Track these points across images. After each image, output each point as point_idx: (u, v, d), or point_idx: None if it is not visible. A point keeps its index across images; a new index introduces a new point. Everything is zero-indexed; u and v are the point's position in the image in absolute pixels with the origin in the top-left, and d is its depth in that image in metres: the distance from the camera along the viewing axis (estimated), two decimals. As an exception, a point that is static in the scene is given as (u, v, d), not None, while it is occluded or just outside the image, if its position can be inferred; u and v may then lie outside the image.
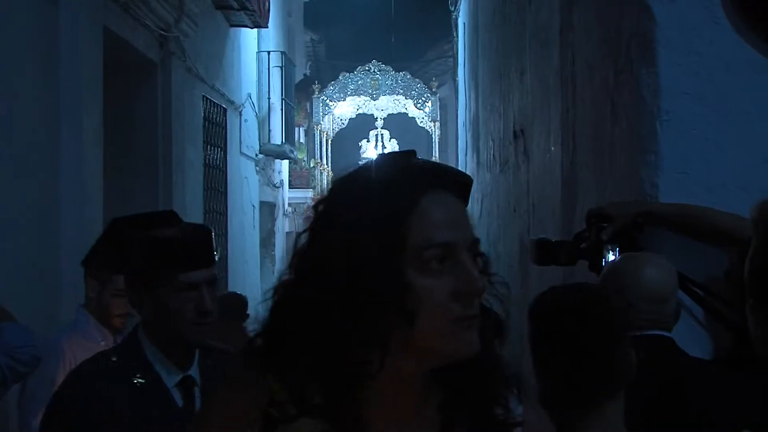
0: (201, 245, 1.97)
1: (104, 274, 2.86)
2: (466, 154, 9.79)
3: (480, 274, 1.04)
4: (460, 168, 11.87)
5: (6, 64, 4.08)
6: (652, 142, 2.33)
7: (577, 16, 3.21)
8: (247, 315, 6.14)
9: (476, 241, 1.07)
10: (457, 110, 11.58)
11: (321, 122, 14.09)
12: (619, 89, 2.59)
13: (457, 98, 11.50)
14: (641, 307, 1.94)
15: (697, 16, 2.34)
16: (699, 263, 2.26)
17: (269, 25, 11.10)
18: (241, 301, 5.96)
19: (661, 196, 2.31)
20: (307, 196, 14.99)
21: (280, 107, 12.42)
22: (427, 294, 1.01)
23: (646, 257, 2.10)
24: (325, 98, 14.07)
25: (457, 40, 11.49)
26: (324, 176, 14.61)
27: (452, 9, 11.73)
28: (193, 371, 1.99)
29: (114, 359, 1.97)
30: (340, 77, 14.23)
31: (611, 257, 2.23)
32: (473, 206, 8.65)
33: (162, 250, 1.90)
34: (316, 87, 14.24)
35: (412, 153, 1.12)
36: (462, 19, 10.50)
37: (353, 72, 14.32)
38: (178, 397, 1.95)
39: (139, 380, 1.90)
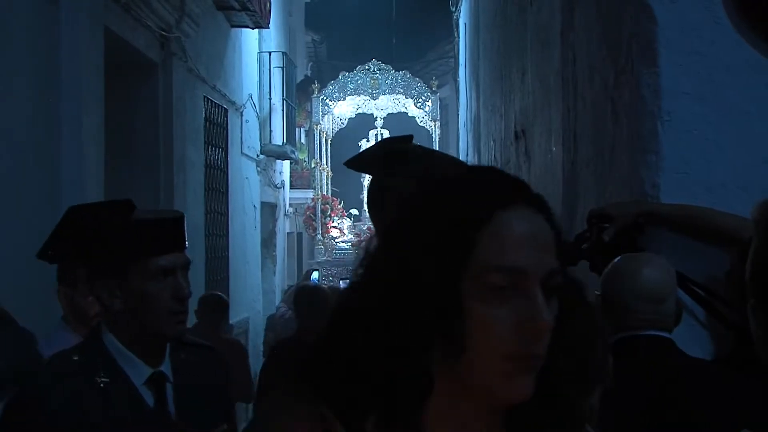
0: (174, 227, 1.84)
1: (74, 275, 2.65)
2: (467, 155, 9.79)
3: (549, 310, 0.89)
4: (461, 168, 11.87)
5: (6, 65, 4.07)
6: (653, 143, 2.33)
7: (578, 17, 3.21)
8: (226, 315, 6.12)
9: (554, 272, 0.91)
10: (458, 110, 11.57)
11: (320, 122, 14.04)
12: (619, 89, 2.59)
13: (458, 98, 11.50)
14: (639, 307, 1.94)
15: (697, 16, 2.33)
16: (699, 263, 2.26)
17: (270, 25, 11.10)
18: (221, 301, 5.93)
19: (661, 197, 2.31)
20: (308, 196, 15.00)
21: (281, 108, 12.43)
22: (483, 322, 0.88)
23: (645, 258, 2.10)
24: (325, 98, 14.02)
25: (458, 41, 11.48)
26: (324, 176, 14.57)
27: (453, 9, 11.72)
28: (165, 367, 1.86)
29: (75, 358, 1.79)
30: (340, 76, 14.18)
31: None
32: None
33: (133, 233, 1.77)
34: (315, 86, 14.20)
35: (408, 138, 1.08)
36: (463, 19, 10.50)
37: (353, 71, 14.29)
38: (148, 395, 1.81)
39: (103, 379, 1.74)
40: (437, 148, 14.54)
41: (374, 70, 14.07)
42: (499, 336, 0.88)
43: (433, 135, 14.00)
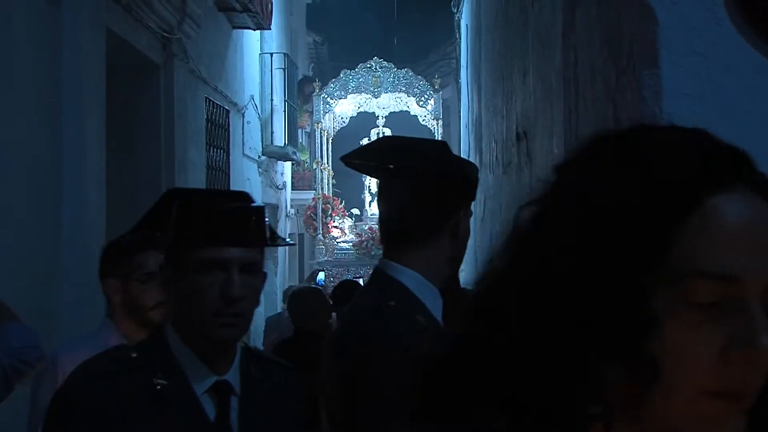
0: (239, 219, 1.61)
1: (129, 263, 2.46)
2: (468, 156, 9.79)
3: None
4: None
5: (8, 66, 4.08)
6: (654, 144, 2.32)
7: (580, 17, 3.21)
8: None
9: None
10: (459, 112, 11.58)
11: (321, 120, 13.96)
12: (621, 90, 2.59)
13: (459, 100, 11.50)
14: None
15: (699, 17, 2.33)
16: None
17: (272, 26, 11.11)
18: None
19: (663, 198, 2.31)
20: (309, 198, 14.96)
21: (282, 109, 12.45)
22: (680, 346, 0.65)
23: None
24: (326, 96, 13.92)
25: (460, 42, 11.49)
26: (325, 175, 14.51)
27: (455, 11, 11.73)
28: (231, 377, 1.63)
29: (133, 354, 1.60)
30: (341, 74, 14.04)
31: None
32: (475, 208, 8.64)
33: (191, 219, 1.60)
34: (316, 84, 14.12)
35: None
36: (465, 20, 10.50)
37: (354, 69, 14.21)
38: (209, 406, 1.58)
39: (160, 381, 1.55)
40: (440, 149, 14.53)
41: (376, 68, 13.86)
42: (701, 365, 0.65)
43: (436, 134, 13.88)
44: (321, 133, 13.87)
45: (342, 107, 14.31)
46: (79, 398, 1.52)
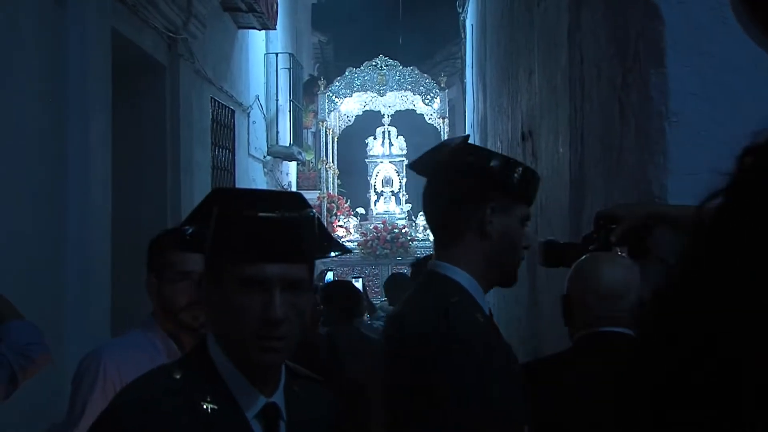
0: (279, 229, 1.43)
1: (163, 259, 2.36)
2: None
3: None
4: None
5: (14, 66, 4.09)
6: (661, 143, 2.32)
7: (585, 17, 3.20)
8: None
9: None
10: (464, 112, 11.56)
11: (327, 119, 13.86)
12: (627, 90, 2.58)
13: (464, 100, 11.49)
14: (598, 305, 1.97)
15: (705, 16, 2.32)
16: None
17: (277, 27, 11.12)
18: None
19: (669, 198, 2.30)
20: (314, 198, 14.92)
21: (287, 109, 12.44)
22: None
23: (605, 257, 2.12)
24: (331, 94, 13.77)
25: (465, 42, 11.48)
26: (330, 174, 14.45)
27: (460, 10, 11.73)
28: (278, 398, 1.50)
29: (177, 376, 1.45)
30: (347, 72, 13.93)
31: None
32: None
33: (229, 230, 1.45)
34: (321, 83, 14.05)
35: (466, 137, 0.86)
36: (470, 20, 10.49)
37: (359, 67, 14.10)
38: (258, 430, 1.46)
39: (211, 405, 1.41)
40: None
41: (381, 66, 13.77)
42: None
43: (442, 133, 13.78)
44: (326, 131, 13.80)
45: (347, 105, 14.22)
46: (126, 425, 1.39)
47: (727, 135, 2.31)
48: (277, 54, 12.23)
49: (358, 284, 6.54)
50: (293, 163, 14.30)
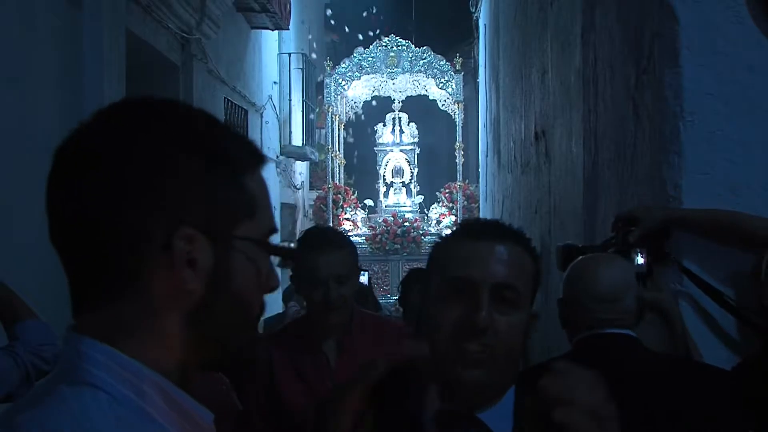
0: None
1: None
2: (486, 156, 9.76)
3: None
4: (480, 170, 11.54)
5: (30, 68, 4.12)
6: (675, 143, 2.31)
7: (599, 17, 3.19)
8: None
9: None
10: (478, 111, 11.54)
11: (333, 104, 12.52)
12: (641, 90, 2.57)
13: (477, 99, 11.46)
14: (595, 306, 1.96)
15: (720, 16, 2.31)
16: (726, 267, 2.24)
17: (290, 27, 11.14)
18: None
19: (684, 198, 2.29)
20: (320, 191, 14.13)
21: (300, 109, 12.45)
22: None
23: (602, 258, 2.11)
24: (338, 77, 12.50)
25: (479, 42, 11.46)
26: (336, 164, 13.29)
27: (473, 10, 11.71)
28: None
29: None
30: (354, 54, 12.65)
31: (640, 260, 2.22)
32: (495, 208, 8.62)
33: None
34: (327, 64, 12.78)
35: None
36: (483, 20, 10.48)
37: (368, 48, 12.71)
38: None
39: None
40: (460, 134, 13.40)
41: (392, 47, 12.53)
42: None
43: (457, 119, 12.69)
44: (332, 117, 12.79)
45: (355, 91, 13.22)
46: None
47: (742, 135, 2.30)
48: (290, 54, 12.25)
49: (363, 278, 6.43)
50: (306, 163, 14.30)
